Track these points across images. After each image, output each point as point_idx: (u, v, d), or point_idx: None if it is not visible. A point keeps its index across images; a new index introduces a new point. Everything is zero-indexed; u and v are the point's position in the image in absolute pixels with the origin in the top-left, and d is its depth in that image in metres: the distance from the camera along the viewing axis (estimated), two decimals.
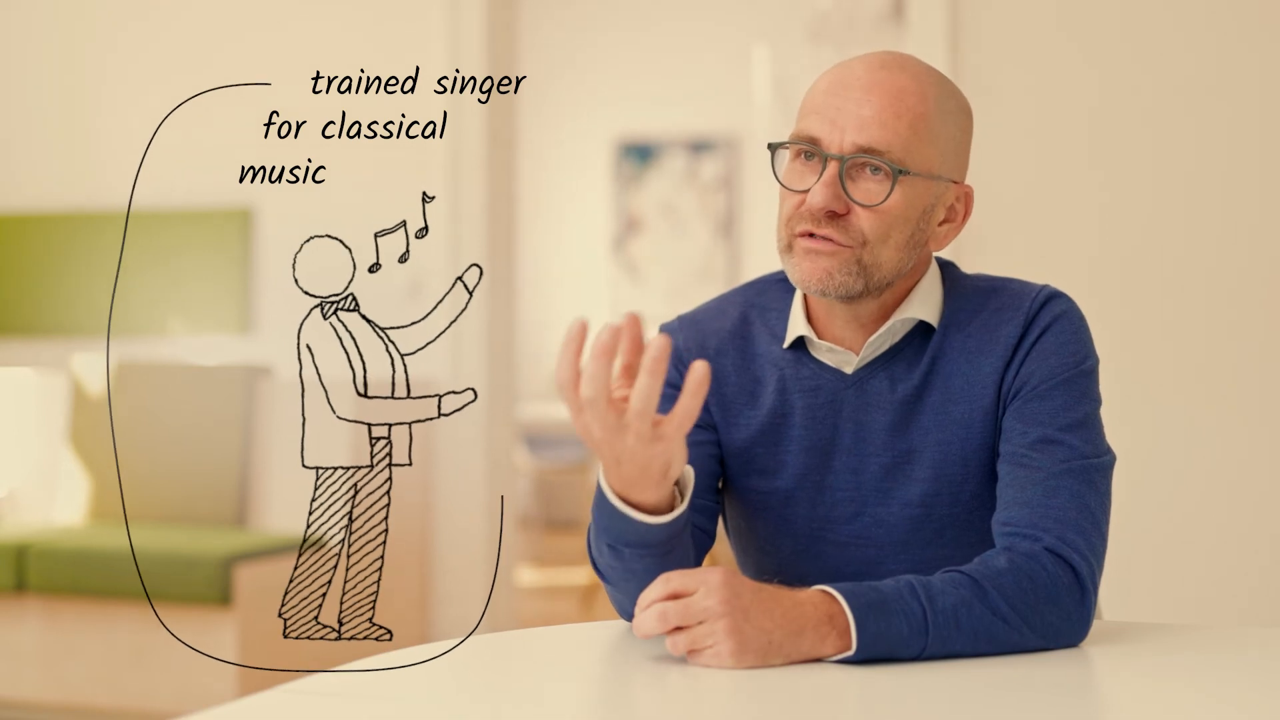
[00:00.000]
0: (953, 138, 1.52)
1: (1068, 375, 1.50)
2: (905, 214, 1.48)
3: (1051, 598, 1.37)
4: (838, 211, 1.47)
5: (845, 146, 1.46)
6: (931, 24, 3.84)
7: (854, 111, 1.47)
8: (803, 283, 1.50)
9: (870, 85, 1.48)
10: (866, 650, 1.28)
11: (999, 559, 1.38)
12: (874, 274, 1.49)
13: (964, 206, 1.56)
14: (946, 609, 1.31)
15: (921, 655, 1.31)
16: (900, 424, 1.54)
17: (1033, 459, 1.46)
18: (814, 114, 1.49)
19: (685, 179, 7.79)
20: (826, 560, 1.55)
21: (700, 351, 1.62)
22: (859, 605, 1.29)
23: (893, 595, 1.31)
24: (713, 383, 1.60)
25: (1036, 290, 1.55)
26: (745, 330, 1.62)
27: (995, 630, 1.33)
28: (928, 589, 1.33)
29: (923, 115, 1.48)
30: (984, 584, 1.35)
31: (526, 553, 6.72)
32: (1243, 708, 1.19)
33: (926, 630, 1.30)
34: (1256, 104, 3.64)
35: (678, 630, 1.28)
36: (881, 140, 1.46)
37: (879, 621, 1.29)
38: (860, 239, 1.47)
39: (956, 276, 1.60)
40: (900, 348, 1.55)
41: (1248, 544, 3.61)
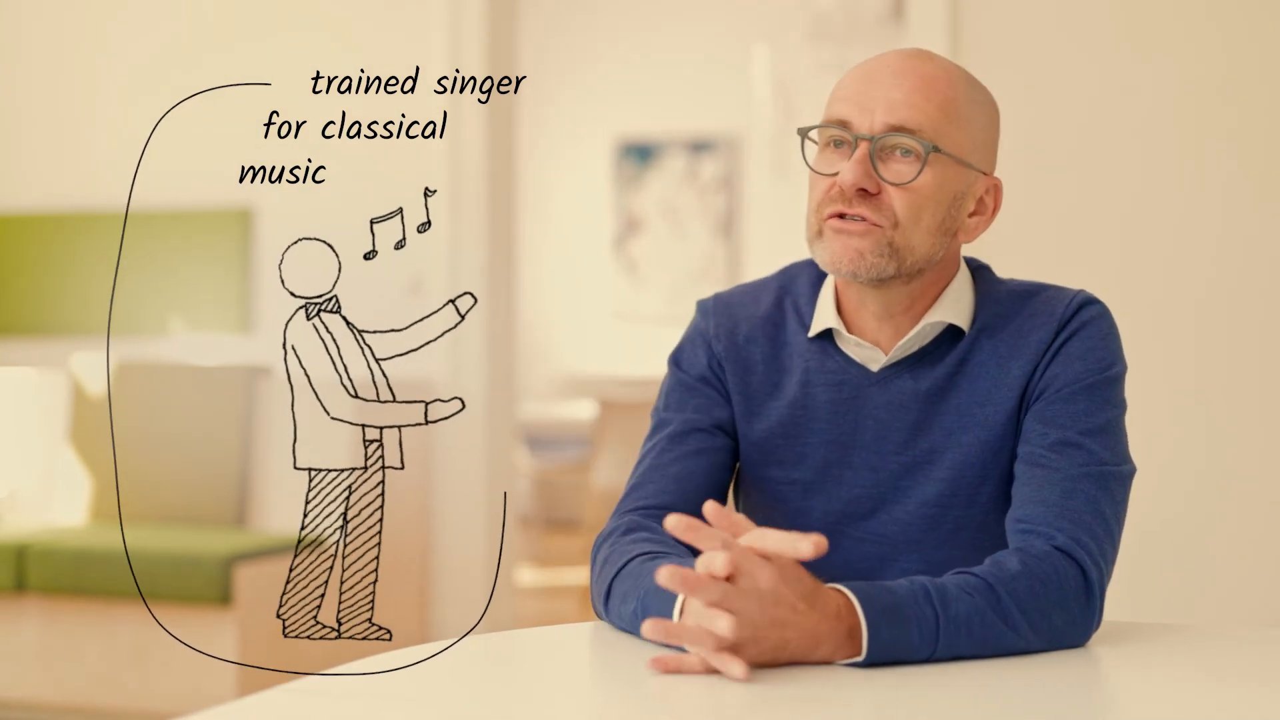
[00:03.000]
0: (982, 127, 1.53)
1: (1093, 380, 1.50)
2: (936, 195, 1.48)
3: (1060, 602, 1.36)
4: (869, 190, 1.47)
5: (876, 127, 1.47)
6: (931, 24, 3.84)
7: (884, 95, 1.47)
8: (833, 264, 1.49)
9: (900, 71, 1.49)
10: (875, 657, 1.28)
11: (1012, 561, 1.37)
12: (906, 257, 1.48)
13: (993, 200, 1.57)
14: (959, 617, 1.30)
15: (928, 660, 1.31)
16: (922, 423, 1.53)
17: (1051, 460, 1.46)
18: (844, 100, 1.50)
19: (685, 179, 7.79)
20: (840, 554, 1.55)
21: (730, 338, 1.62)
22: (873, 612, 1.28)
23: (908, 601, 1.29)
24: (738, 372, 1.60)
25: (1071, 295, 1.55)
26: (779, 317, 1.62)
27: (1004, 638, 1.33)
28: (942, 595, 1.31)
29: (952, 99, 1.49)
30: (998, 589, 1.33)
31: (526, 553, 6.72)
32: (1243, 708, 1.19)
33: (937, 638, 1.29)
34: (1259, 103, 3.64)
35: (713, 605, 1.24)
36: (912, 119, 1.46)
37: (891, 629, 1.28)
38: (892, 219, 1.47)
39: (991, 280, 1.60)
40: (928, 350, 1.55)
41: (1250, 545, 3.61)
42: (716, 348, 1.62)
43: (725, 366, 1.61)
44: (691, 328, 1.66)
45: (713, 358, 1.62)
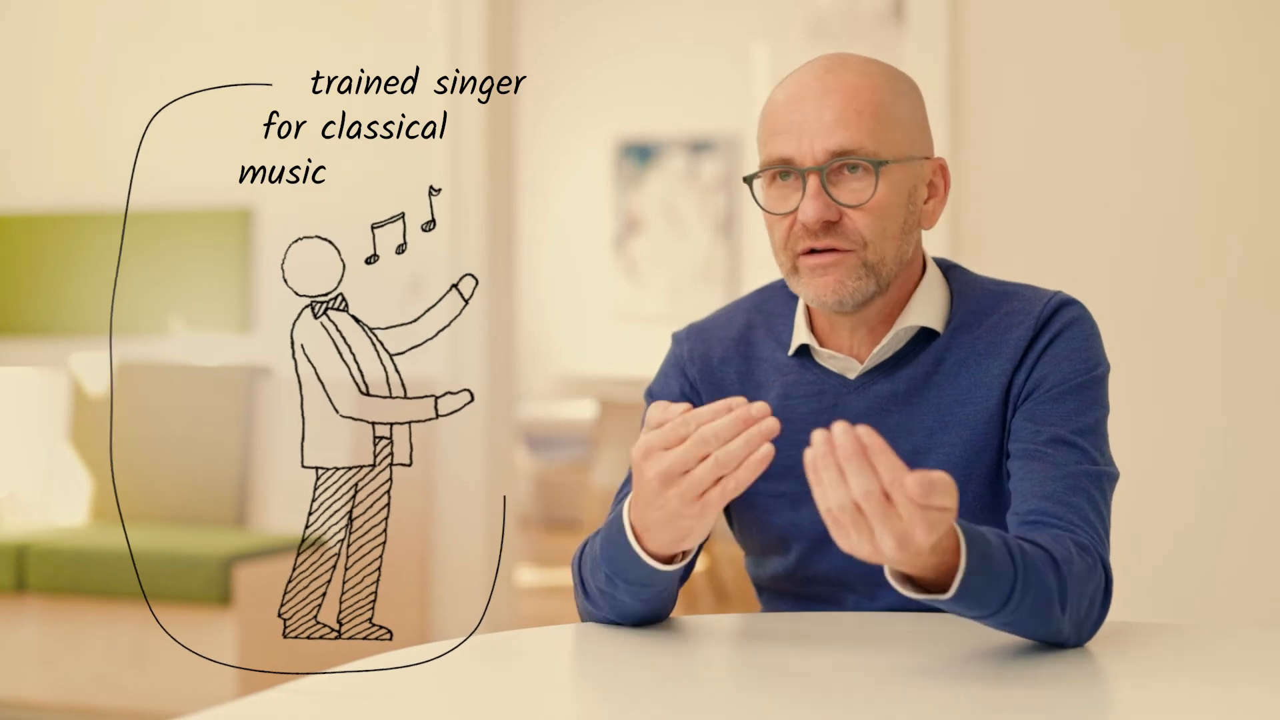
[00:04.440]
0: (912, 116, 1.53)
1: (1080, 380, 1.50)
2: (895, 201, 1.49)
3: (1094, 595, 1.37)
4: (831, 220, 1.47)
5: (819, 156, 1.47)
6: (931, 24, 3.84)
7: (814, 120, 1.47)
8: (817, 300, 1.50)
9: (822, 91, 1.48)
10: (960, 600, 1.25)
11: (1065, 544, 1.36)
12: (881, 271, 1.49)
13: (943, 179, 1.57)
14: (1031, 584, 1.28)
15: (984, 619, 1.29)
16: (905, 425, 1.54)
17: (1049, 454, 1.46)
18: (777, 135, 1.50)
19: (685, 179, 7.79)
20: (836, 559, 1.55)
21: (704, 361, 1.64)
22: (973, 557, 1.24)
23: (999, 554, 1.27)
24: (713, 394, 1.62)
25: (1049, 296, 1.56)
26: (748, 336, 1.63)
27: (1052, 617, 1.32)
28: (1024, 558, 1.29)
29: (880, 104, 1.49)
30: (1062, 567, 1.33)
31: (526, 553, 6.72)
32: (1243, 708, 1.19)
33: (1007, 602, 1.28)
34: (1259, 103, 3.64)
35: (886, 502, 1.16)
36: (851, 140, 1.46)
37: (980, 578, 1.25)
38: (860, 241, 1.48)
39: (965, 279, 1.60)
40: (903, 353, 1.56)
41: (1248, 545, 3.61)
42: (690, 372, 1.63)
43: (700, 390, 1.63)
44: (666, 359, 1.68)
45: (685, 384, 1.64)
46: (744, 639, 1.46)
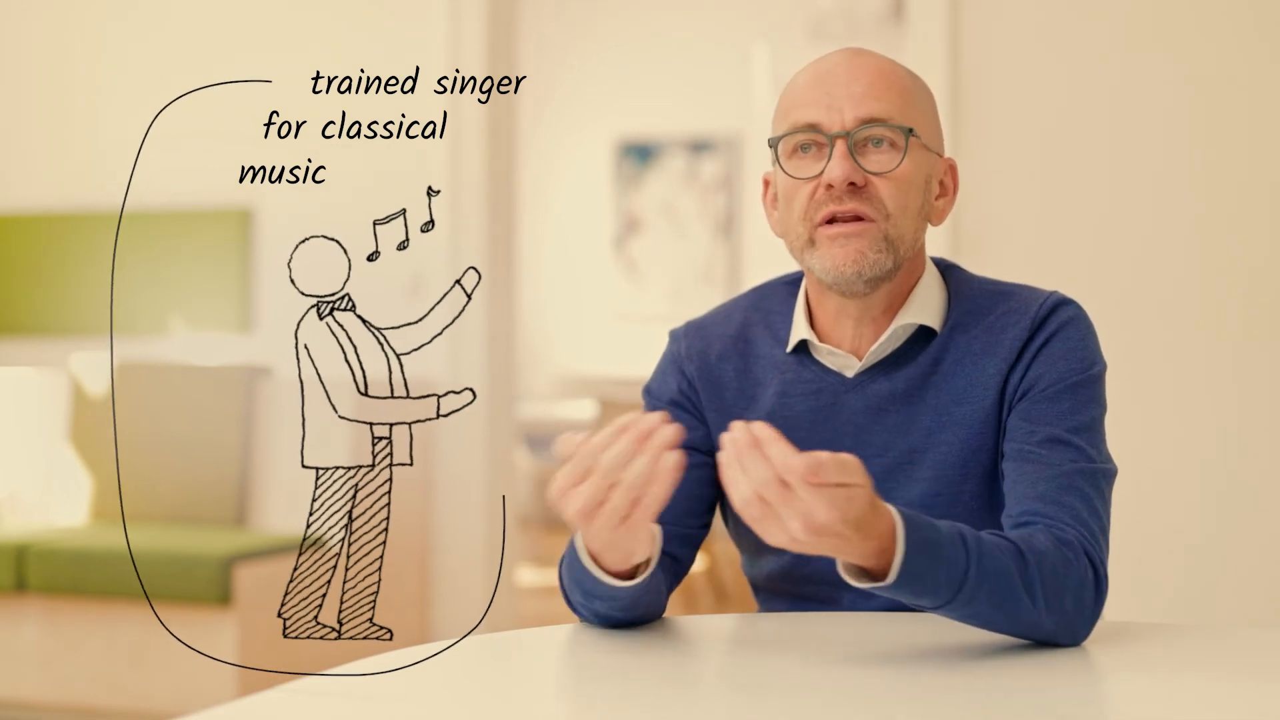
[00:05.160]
0: (930, 112, 1.55)
1: (1076, 379, 1.50)
2: (916, 180, 1.51)
3: (1077, 589, 1.36)
4: (857, 184, 1.47)
5: (848, 122, 1.48)
6: (931, 24, 3.84)
7: (844, 90, 1.49)
8: (835, 269, 1.49)
9: (852, 68, 1.50)
10: (902, 585, 1.26)
11: (1041, 537, 1.37)
12: (899, 248, 1.50)
13: (952, 180, 1.60)
14: (988, 572, 1.29)
15: (946, 605, 1.30)
16: (902, 425, 1.54)
17: (1042, 455, 1.46)
18: (804, 106, 1.50)
19: (685, 179, 7.79)
20: (830, 559, 1.55)
21: (702, 358, 1.63)
22: (913, 541, 1.26)
23: (946, 540, 1.28)
24: (711, 391, 1.62)
25: (1045, 296, 1.56)
26: (746, 334, 1.63)
27: (1020, 606, 1.32)
28: (979, 546, 1.30)
29: (908, 88, 1.52)
30: (1028, 557, 1.33)
31: (526, 553, 6.72)
32: (1243, 708, 1.19)
33: (962, 584, 1.28)
34: (1259, 104, 3.64)
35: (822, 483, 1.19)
36: (881, 110, 1.48)
37: (922, 561, 1.26)
38: (884, 211, 1.48)
39: (963, 279, 1.60)
40: (901, 351, 1.56)
41: (1248, 544, 3.61)
42: (688, 369, 1.63)
43: (698, 387, 1.62)
44: (663, 356, 1.68)
45: (683, 381, 1.63)
46: (741, 639, 1.46)
